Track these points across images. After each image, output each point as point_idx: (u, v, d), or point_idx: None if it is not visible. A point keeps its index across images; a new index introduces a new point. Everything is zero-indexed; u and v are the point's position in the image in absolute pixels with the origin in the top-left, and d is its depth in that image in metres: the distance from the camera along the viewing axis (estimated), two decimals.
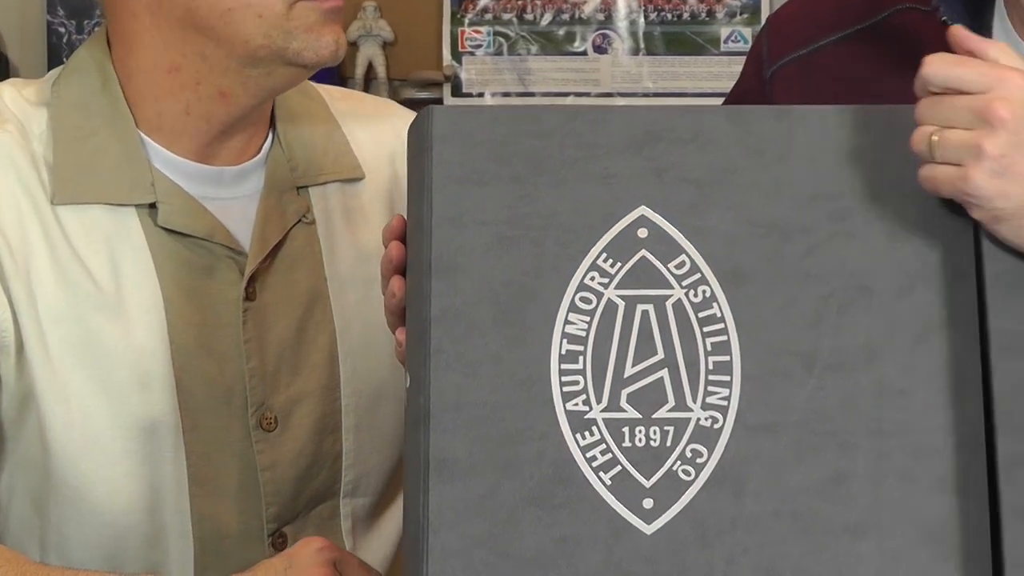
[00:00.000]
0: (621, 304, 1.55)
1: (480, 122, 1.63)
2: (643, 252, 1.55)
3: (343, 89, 2.16)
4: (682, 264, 1.55)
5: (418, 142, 1.58)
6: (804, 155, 1.58)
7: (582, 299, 1.56)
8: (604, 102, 3.55)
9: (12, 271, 1.80)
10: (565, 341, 1.54)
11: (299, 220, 1.90)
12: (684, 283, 1.55)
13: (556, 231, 1.57)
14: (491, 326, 1.54)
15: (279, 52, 1.81)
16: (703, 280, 1.55)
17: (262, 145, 1.92)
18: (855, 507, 1.48)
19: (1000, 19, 1.88)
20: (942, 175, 1.51)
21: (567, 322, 1.55)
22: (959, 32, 1.58)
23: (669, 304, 1.54)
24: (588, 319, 1.55)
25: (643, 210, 1.55)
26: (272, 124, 1.94)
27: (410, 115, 1.98)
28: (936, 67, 1.52)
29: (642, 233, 1.56)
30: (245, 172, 1.89)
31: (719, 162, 1.57)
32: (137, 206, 1.84)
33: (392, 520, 1.99)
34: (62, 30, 3.39)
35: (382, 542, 1.97)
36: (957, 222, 1.55)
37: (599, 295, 1.56)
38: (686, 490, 1.49)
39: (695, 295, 1.55)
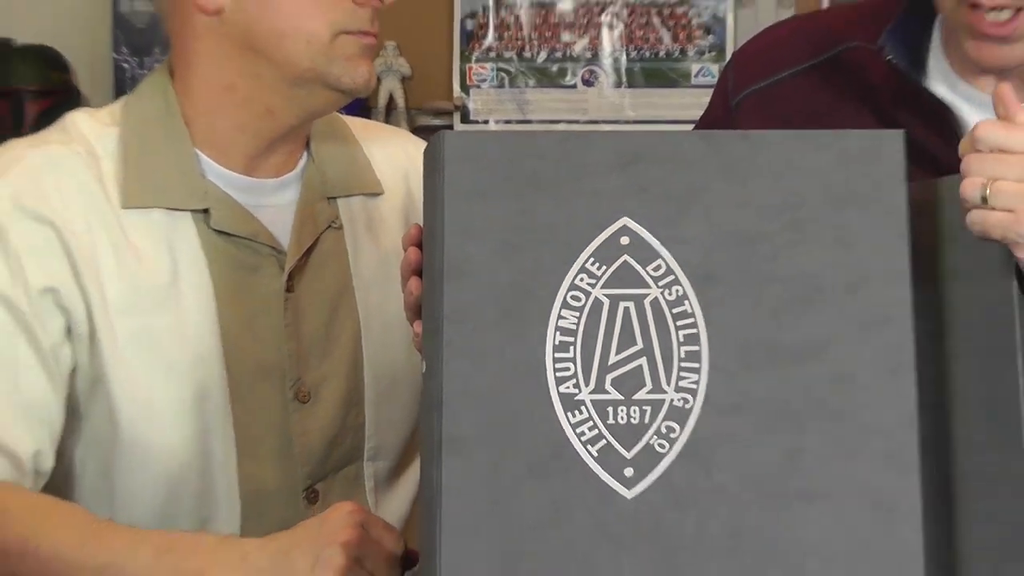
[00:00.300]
0: (606, 302, 1.64)
1: (485, 145, 1.70)
2: (625, 257, 1.63)
3: (363, 120, 2.23)
4: (659, 267, 1.63)
5: (432, 162, 1.67)
6: (767, 173, 1.67)
7: (573, 297, 1.64)
8: (591, 128, 3.63)
9: (84, 271, 1.90)
10: (558, 333, 1.63)
11: (329, 226, 2.00)
12: (660, 284, 1.63)
13: (550, 239, 1.65)
14: (495, 321, 1.63)
15: (322, 75, 1.90)
16: (676, 281, 1.63)
17: (298, 162, 2.00)
18: (807, 477, 1.57)
19: (935, 58, 1.99)
20: (995, 220, 1.62)
21: (560, 317, 1.63)
22: (1005, 91, 1.67)
23: (647, 302, 1.63)
24: (578, 315, 1.64)
25: (625, 221, 1.64)
26: (307, 145, 2.03)
27: (418, 141, 2.16)
28: (988, 130, 1.64)
29: (624, 241, 1.64)
30: (284, 184, 1.98)
31: (692, 179, 1.66)
32: (192, 211, 1.94)
33: (408, 482, 2.09)
34: (126, 66, 3.38)
35: (399, 502, 2.06)
36: (895, 231, 1.65)
37: (587, 294, 1.64)
38: (661, 461, 1.58)
39: (669, 294, 1.63)
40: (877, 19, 2.01)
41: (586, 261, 1.64)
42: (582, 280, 1.64)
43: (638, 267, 1.63)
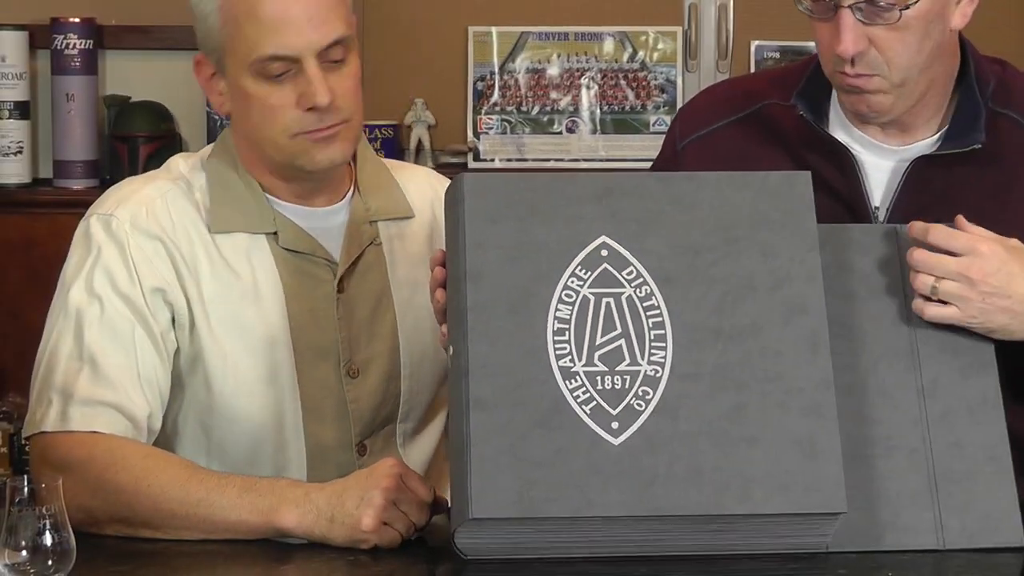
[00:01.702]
0: (592, 298, 1.75)
1: (494, 183, 1.85)
2: (605, 265, 1.76)
3: (399, 161, 2.33)
4: (631, 272, 1.76)
5: (454, 195, 1.80)
6: (707, 203, 1.79)
7: (566, 295, 1.75)
8: (573, 166, 3.74)
9: (186, 275, 2.00)
10: (556, 322, 1.74)
11: (371, 243, 2.08)
12: (632, 284, 1.76)
13: (546, 252, 1.76)
14: (505, 313, 1.74)
15: (291, 164, 2.00)
16: (645, 282, 1.75)
17: (346, 194, 2.09)
18: (750, 426, 1.69)
19: (835, 110, 2.06)
20: (947, 313, 1.77)
21: (556, 310, 1.75)
22: (961, 221, 1.81)
23: (623, 298, 1.75)
24: (571, 308, 1.75)
25: (604, 238, 1.77)
26: (353, 179, 2.10)
27: (440, 176, 2.22)
28: (939, 235, 1.78)
29: (604, 253, 1.77)
30: (335, 211, 2.08)
31: (651, 208, 1.78)
32: (266, 233, 2.03)
33: (427, 438, 2.15)
34: (216, 117, 3.45)
35: (421, 452, 2.13)
36: (807, 245, 1.77)
37: (577, 292, 1.75)
38: (639, 416, 1.70)
39: (640, 292, 1.75)
40: (788, 81, 2.08)
41: (575, 268, 1.76)
42: (573, 282, 1.76)
43: (615, 272, 1.76)
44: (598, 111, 3.76)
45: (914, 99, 1.97)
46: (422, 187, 2.17)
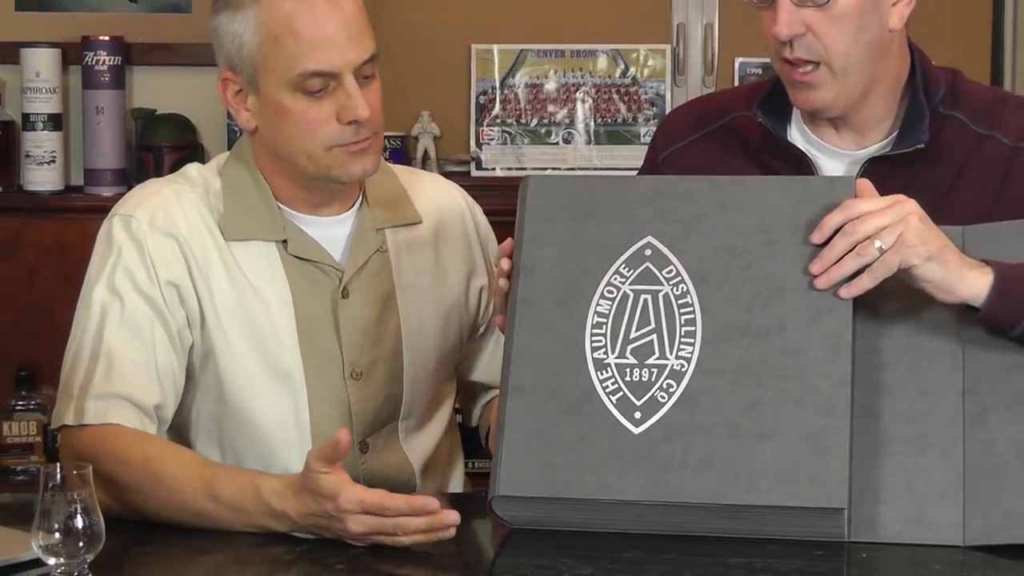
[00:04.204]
0: (631, 295, 1.75)
1: (555, 184, 1.87)
2: (647, 264, 1.77)
3: (407, 167, 2.31)
4: (671, 271, 1.76)
5: (521, 194, 1.83)
6: (750, 206, 1.77)
7: (607, 291, 1.76)
8: (567, 175, 3.65)
9: (198, 275, 1.99)
10: (596, 316, 1.75)
11: (377, 250, 2.06)
12: (671, 283, 1.76)
13: (595, 250, 1.78)
14: (551, 307, 1.76)
15: (324, 176, 1.98)
16: (682, 281, 1.75)
17: (354, 203, 2.07)
18: (765, 421, 1.67)
19: (795, 119, 2.09)
20: (891, 259, 1.69)
21: (598, 305, 1.76)
22: (865, 185, 1.77)
23: (660, 295, 1.75)
24: (611, 303, 1.76)
25: (649, 238, 1.78)
26: (362, 188, 2.08)
27: (447, 182, 2.24)
28: (854, 205, 1.72)
29: (648, 252, 1.77)
30: (342, 220, 2.07)
31: (697, 210, 1.78)
32: (276, 241, 2.02)
33: (429, 432, 2.13)
34: (236, 129, 3.35)
35: (423, 444, 2.12)
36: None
37: (619, 289, 1.76)
38: (661, 408, 1.70)
39: (676, 290, 1.75)
40: (754, 95, 2.11)
41: (620, 266, 1.77)
42: (616, 279, 1.76)
43: (656, 271, 1.76)
44: (592, 123, 3.76)
45: (857, 94, 1.97)
46: (430, 192, 2.16)
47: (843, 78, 1.95)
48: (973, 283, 1.71)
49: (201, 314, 1.98)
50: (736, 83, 3.67)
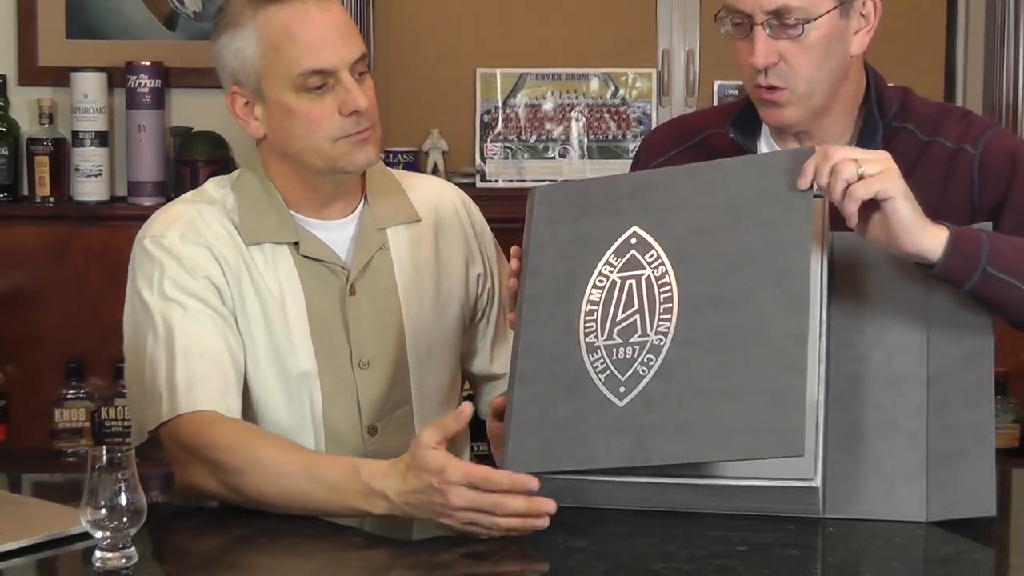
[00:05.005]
0: (619, 281, 1.73)
1: (556, 190, 1.87)
2: (632, 252, 1.75)
3: (405, 171, 2.24)
4: (652, 255, 1.73)
5: (529, 202, 1.83)
6: (721, 186, 1.75)
7: (599, 280, 1.75)
8: (568, 181, 3.17)
9: (231, 280, 1.99)
10: (588, 304, 1.74)
11: (380, 248, 2.06)
12: (652, 266, 1.73)
13: (588, 245, 1.77)
14: (551, 302, 1.76)
15: (331, 167, 1.97)
16: (663, 263, 1.72)
17: (357, 207, 2.06)
18: (733, 383, 1.63)
19: (764, 135, 2.08)
20: (871, 184, 1.65)
21: (590, 294, 1.74)
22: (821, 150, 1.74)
23: (643, 279, 1.72)
24: (601, 291, 1.74)
25: (635, 228, 1.77)
26: (364, 192, 2.07)
27: (445, 182, 2.23)
28: (835, 150, 1.70)
29: (633, 241, 1.76)
30: (346, 223, 2.06)
31: (677, 196, 1.76)
32: (288, 244, 2.01)
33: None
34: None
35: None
36: (801, 215, 1.68)
37: (608, 277, 1.75)
38: (642, 381, 1.68)
39: (657, 272, 1.72)
40: (727, 114, 2.11)
41: (609, 256, 1.75)
42: (606, 269, 1.75)
43: (640, 257, 1.74)
44: (585, 139, 3.74)
45: (819, 112, 1.97)
46: (428, 193, 2.15)
47: (807, 99, 1.95)
48: (932, 235, 1.69)
49: (234, 315, 1.98)
50: (715, 102, 3.65)
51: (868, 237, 1.71)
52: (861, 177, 1.65)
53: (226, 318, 1.94)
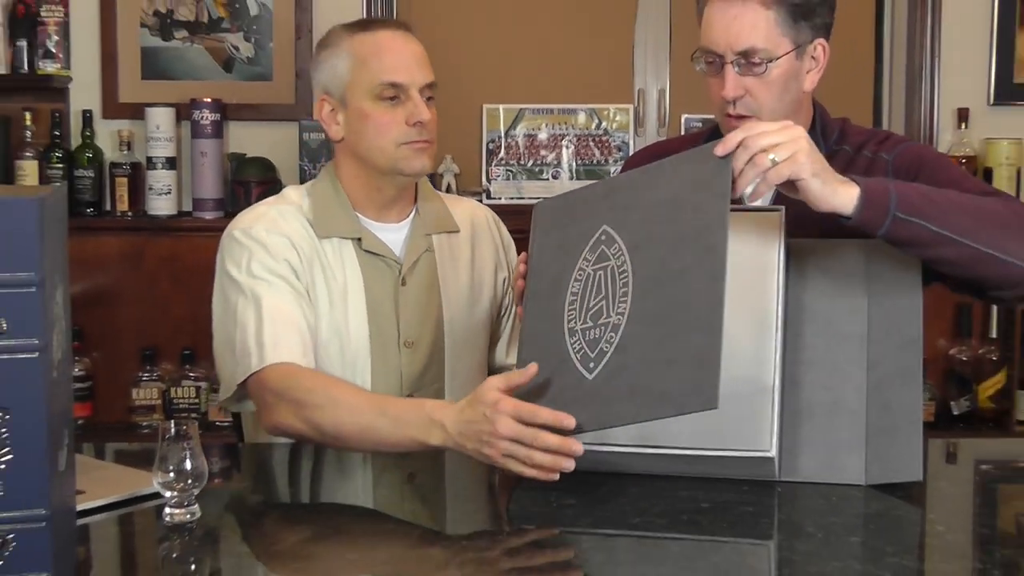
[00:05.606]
0: (592, 273, 1.68)
1: (552, 203, 1.81)
2: (602, 247, 1.69)
3: (447, 194, 2.27)
4: (616, 248, 1.67)
5: (534, 217, 1.79)
6: (668, 180, 1.67)
7: (578, 275, 1.70)
8: (562, 194, 3.12)
9: (306, 265, 1.98)
10: (571, 295, 1.69)
11: (426, 250, 2.07)
12: (615, 257, 1.67)
13: (572, 245, 1.71)
14: (547, 297, 1.71)
15: (393, 169, 1.98)
16: (623, 254, 1.66)
17: (410, 213, 2.07)
18: (666, 348, 1.56)
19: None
20: (783, 169, 1.60)
21: (572, 287, 1.70)
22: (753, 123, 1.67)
23: (608, 269, 1.66)
24: (580, 284, 1.69)
25: (605, 227, 1.71)
26: (415, 203, 2.08)
27: (478, 204, 2.20)
28: (746, 128, 1.63)
29: (603, 237, 1.70)
30: (401, 227, 2.07)
31: (638, 195, 1.69)
32: (352, 239, 2.01)
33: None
34: (305, 167, 3.45)
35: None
36: (720, 197, 1.59)
37: (584, 271, 1.69)
38: (606, 356, 1.62)
39: (618, 261, 1.66)
40: (695, 141, 2.01)
41: (586, 253, 1.69)
42: (584, 264, 1.69)
43: (607, 251, 1.68)
44: (574, 164, 3.72)
45: None
46: (466, 211, 2.15)
47: None
48: (843, 195, 1.65)
49: (307, 293, 1.96)
50: (683, 132, 3.62)
51: (794, 197, 1.68)
52: (774, 163, 1.61)
53: (302, 295, 1.92)
